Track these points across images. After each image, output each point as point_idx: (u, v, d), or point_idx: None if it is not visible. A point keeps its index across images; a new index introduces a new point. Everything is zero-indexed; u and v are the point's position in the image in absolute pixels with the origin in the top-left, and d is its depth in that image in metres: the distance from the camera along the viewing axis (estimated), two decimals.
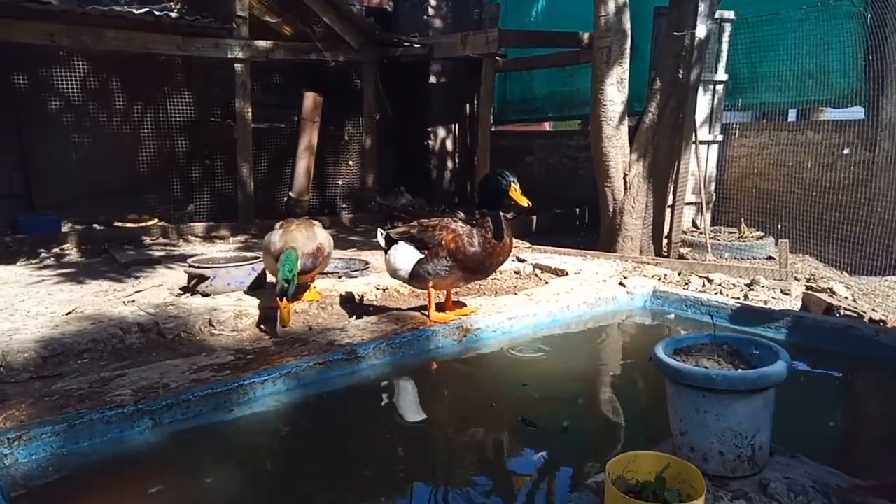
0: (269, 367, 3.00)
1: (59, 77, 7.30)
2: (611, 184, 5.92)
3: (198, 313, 3.97)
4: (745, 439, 1.95)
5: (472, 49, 7.51)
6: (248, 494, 2.35)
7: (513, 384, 3.22)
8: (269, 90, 8.56)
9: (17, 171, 7.23)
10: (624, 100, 5.81)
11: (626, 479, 1.76)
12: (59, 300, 4.47)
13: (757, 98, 6.78)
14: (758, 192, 6.66)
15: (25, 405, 2.65)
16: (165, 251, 6.41)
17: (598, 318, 4.17)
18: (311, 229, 4.13)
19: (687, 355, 2.07)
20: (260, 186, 8.02)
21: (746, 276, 4.95)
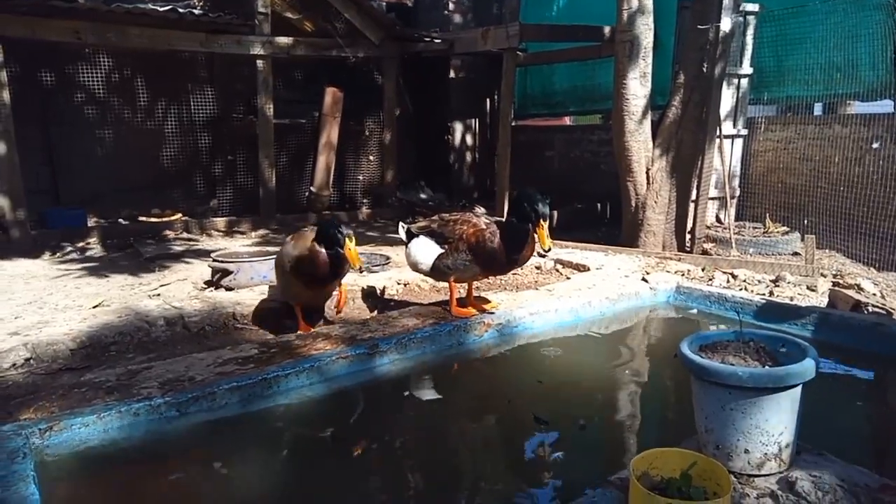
0: (293, 361, 3.03)
1: (85, 74, 7.41)
2: (633, 178, 5.87)
3: (222, 307, 4.01)
4: (771, 437, 1.93)
5: (492, 44, 7.47)
6: (269, 485, 2.37)
7: (532, 380, 3.21)
8: (291, 86, 8.61)
9: (44, 167, 7.34)
10: (647, 94, 5.76)
11: (650, 475, 1.75)
12: (86, 294, 4.55)
13: (783, 92, 6.68)
14: (783, 187, 6.57)
15: (55, 396, 2.70)
16: (188, 246, 6.49)
17: (620, 315, 4.14)
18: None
19: (713, 352, 2.05)
20: (281, 182, 8.07)
21: (772, 272, 4.89)
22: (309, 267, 3.47)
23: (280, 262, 3.72)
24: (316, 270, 3.47)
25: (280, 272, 3.74)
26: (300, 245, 3.59)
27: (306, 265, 3.48)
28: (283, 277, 3.72)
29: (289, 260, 3.60)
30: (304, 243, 3.56)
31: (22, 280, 5.04)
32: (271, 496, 2.30)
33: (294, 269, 3.55)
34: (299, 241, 3.64)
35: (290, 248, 3.65)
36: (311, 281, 3.57)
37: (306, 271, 3.50)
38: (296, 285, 3.63)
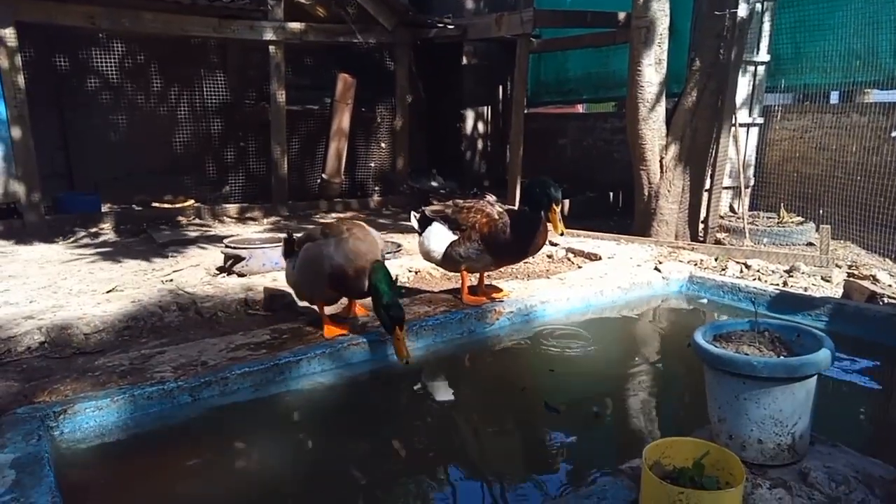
0: (304, 347, 3.04)
1: (99, 59, 7.43)
2: (646, 167, 5.82)
3: (234, 293, 4.03)
4: (785, 427, 1.91)
5: (506, 30, 7.42)
6: (282, 469, 2.39)
7: (544, 368, 3.21)
8: (303, 72, 8.59)
9: (58, 152, 7.39)
10: (662, 81, 5.69)
11: (662, 464, 1.74)
12: (100, 278, 4.58)
13: (800, 79, 6.59)
14: (799, 176, 6.49)
15: (70, 380, 2.72)
16: (201, 232, 6.51)
17: (632, 304, 4.12)
18: (366, 233, 3.30)
19: (727, 342, 2.04)
20: (292, 168, 8.08)
21: (786, 262, 4.84)
22: (353, 281, 3.06)
23: (313, 262, 3.17)
24: (360, 286, 3.07)
25: (309, 272, 3.22)
26: (344, 251, 3.10)
27: (351, 279, 3.05)
28: (312, 278, 3.22)
29: (331, 264, 3.09)
30: (350, 250, 3.09)
31: (36, 264, 5.09)
32: (282, 481, 2.32)
33: (334, 279, 3.10)
34: (342, 245, 3.12)
35: (331, 249, 3.12)
36: (348, 292, 3.24)
37: (348, 284, 3.09)
38: (327, 290, 3.23)
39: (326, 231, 3.24)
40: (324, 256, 3.11)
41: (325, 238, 3.19)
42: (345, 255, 3.08)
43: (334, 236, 3.16)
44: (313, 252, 3.19)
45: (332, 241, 3.14)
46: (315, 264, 3.15)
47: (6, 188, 6.14)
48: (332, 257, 3.09)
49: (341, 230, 3.20)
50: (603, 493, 1.86)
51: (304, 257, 3.24)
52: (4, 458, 2.09)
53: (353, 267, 3.06)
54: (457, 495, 2.22)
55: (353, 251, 3.10)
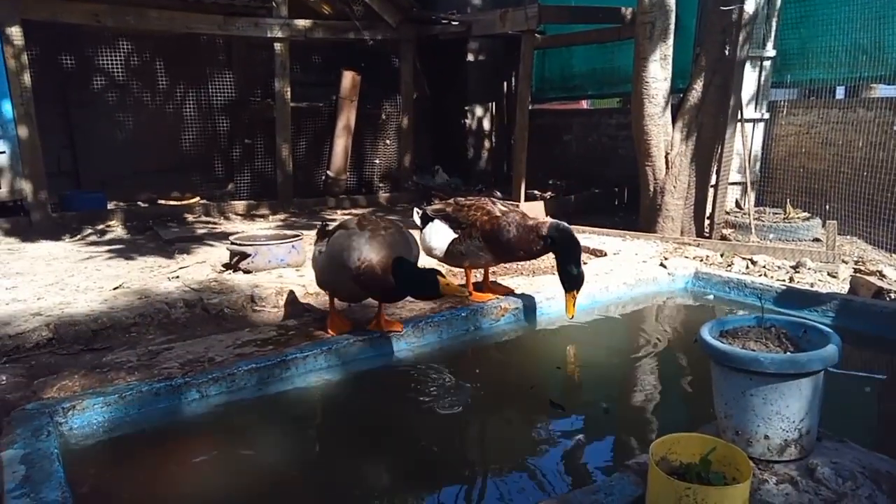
0: (311, 344, 3.05)
1: (105, 57, 7.46)
2: (652, 163, 5.81)
3: (240, 289, 4.04)
4: (792, 423, 1.91)
5: (511, 26, 7.40)
6: (289, 465, 2.40)
7: (549, 365, 3.21)
8: (308, 70, 8.60)
9: (65, 150, 7.42)
10: (667, 77, 5.68)
11: (669, 460, 1.75)
12: (107, 275, 4.60)
13: (806, 74, 6.55)
14: (805, 172, 6.46)
15: (78, 376, 2.74)
16: (207, 229, 6.53)
17: (637, 300, 4.12)
18: (403, 234, 3.15)
19: (733, 338, 2.04)
20: (299, 166, 8.10)
21: (792, 258, 4.83)
22: (382, 284, 2.91)
23: (341, 254, 2.96)
24: (387, 288, 2.93)
25: (337, 264, 3.01)
26: (377, 249, 2.92)
27: (379, 280, 2.89)
28: (338, 269, 3.01)
29: (359, 258, 2.89)
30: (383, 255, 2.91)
31: (44, 262, 5.11)
32: (289, 476, 2.33)
33: (362, 274, 2.90)
34: (376, 239, 2.95)
35: (363, 241, 2.94)
36: (373, 293, 3.07)
37: (376, 285, 2.93)
38: (351, 285, 3.00)
39: (364, 223, 3.06)
40: (353, 248, 2.93)
41: (360, 229, 3.01)
42: (376, 249, 2.90)
43: (369, 230, 3.00)
44: (343, 241, 2.99)
45: (367, 233, 2.97)
46: (342, 254, 2.95)
47: (13, 186, 6.17)
48: (361, 250, 2.91)
49: (378, 226, 3.06)
50: (609, 489, 1.86)
51: (333, 245, 3.04)
52: (14, 453, 2.11)
53: (382, 264, 2.88)
54: (463, 491, 2.22)
55: (387, 247, 2.93)
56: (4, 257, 5.28)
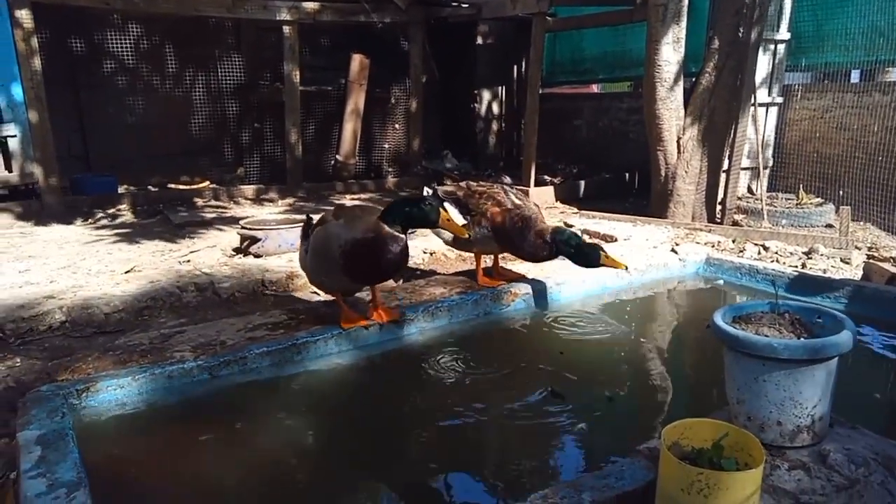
0: (321, 328, 3.05)
1: (115, 41, 7.46)
2: (663, 148, 5.77)
3: (251, 274, 4.06)
4: (804, 409, 1.90)
5: (521, 8, 7.34)
6: (299, 446, 2.42)
7: (558, 351, 3.21)
8: (317, 53, 8.57)
9: (75, 133, 7.44)
10: (680, 60, 5.62)
11: (681, 445, 1.74)
12: (118, 259, 4.62)
13: (821, 58, 6.47)
14: (819, 156, 6.40)
15: (91, 358, 2.76)
16: (217, 213, 6.55)
17: (648, 286, 4.11)
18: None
19: (746, 323, 2.02)
20: (308, 150, 8.09)
21: (804, 244, 4.79)
22: (371, 258, 2.76)
23: (322, 246, 2.88)
24: (380, 262, 2.76)
25: (320, 257, 2.93)
26: (357, 225, 2.80)
27: (368, 255, 2.75)
28: (323, 263, 2.93)
29: (340, 245, 2.77)
30: (365, 224, 2.79)
31: (56, 245, 5.14)
32: (299, 458, 2.35)
33: (349, 257, 2.77)
34: (353, 221, 2.83)
35: (339, 227, 2.84)
36: (368, 276, 2.92)
37: (367, 263, 2.78)
38: (340, 277, 2.89)
39: (338, 213, 2.98)
40: (332, 236, 2.84)
41: (335, 220, 2.93)
42: (352, 226, 2.80)
43: (346, 217, 2.91)
44: (322, 234, 2.92)
45: (343, 220, 2.89)
46: (325, 246, 2.87)
47: (24, 170, 6.20)
48: (341, 235, 2.81)
49: (354, 212, 2.97)
50: (620, 474, 1.86)
51: (314, 242, 2.98)
52: (30, 434, 2.13)
53: (362, 231, 2.76)
54: (469, 476, 2.23)
55: (360, 216, 2.84)
56: (17, 241, 5.32)
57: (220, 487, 2.15)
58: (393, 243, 2.75)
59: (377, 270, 2.86)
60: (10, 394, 2.68)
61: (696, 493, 1.58)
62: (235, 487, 2.14)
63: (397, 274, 3.08)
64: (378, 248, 2.75)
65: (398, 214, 2.79)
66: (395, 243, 2.76)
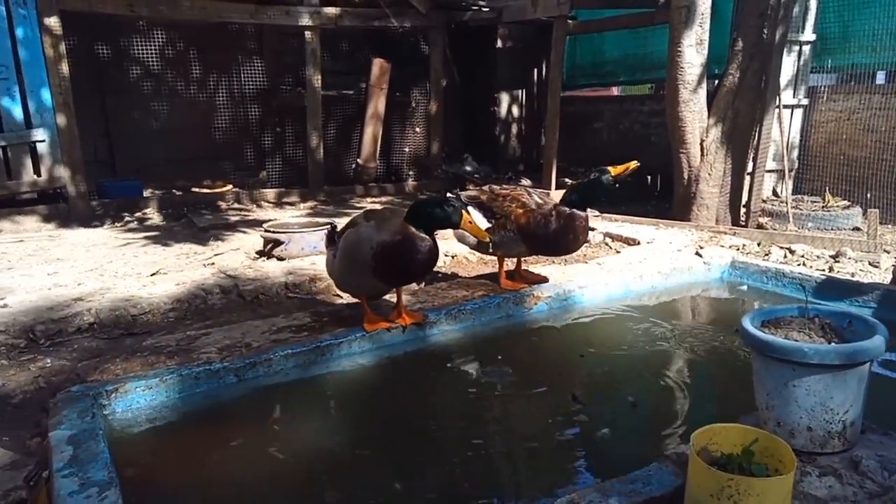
0: (345, 330, 3.07)
1: (140, 47, 7.57)
2: (686, 150, 5.72)
3: (274, 276, 4.09)
4: (836, 415, 1.88)
5: (542, 11, 7.33)
6: (325, 448, 2.43)
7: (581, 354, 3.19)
8: (338, 57, 8.62)
9: (101, 138, 7.56)
10: (703, 62, 5.57)
11: (709, 450, 1.73)
12: (144, 262, 4.69)
13: (847, 59, 6.38)
14: (845, 159, 6.31)
15: (119, 360, 2.80)
16: (240, 216, 6.61)
17: (672, 290, 4.07)
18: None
19: (776, 328, 2.00)
20: (328, 153, 8.14)
21: (831, 247, 4.73)
22: (401, 260, 2.80)
23: (353, 249, 2.89)
24: (410, 263, 2.80)
25: (350, 259, 2.93)
26: (387, 227, 2.83)
27: (398, 257, 2.79)
28: (353, 265, 2.94)
29: (371, 247, 2.79)
30: (393, 225, 2.82)
31: (83, 248, 5.23)
32: (326, 459, 2.36)
33: (380, 259, 2.79)
34: (383, 223, 2.86)
35: (370, 229, 2.86)
36: (398, 278, 2.96)
37: (396, 265, 2.82)
38: (370, 279, 2.92)
39: (369, 215, 3.01)
40: (364, 239, 2.85)
41: (366, 221, 2.95)
42: (390, 231, 2.81)
43: (376, 219, 2.93)
44: (353, 237, 2.93)
45: (373, 222, 2.91)
46: (356, 249, 2.88)
47: (52, 174, 6.30)
48: (372, 237, 2.82)
49: (384, 214, 3.00)
50: (648, 479, 1.85)
51: (344, 245, 2.98)
52: (62, 434, 2.16)
53: (393, 232, 2.79)
54: (492, 480, 2.23)
55: (392, 217, 2.86)
56: (45, 244, 5.42)
57: (246, 488, 2.17)
58: (421, 244, 2.78)
59: (407, 271, 2.90)
60: (41, 394, 2.73)
61: (726, 498, 1.56)
62: (262, 487, 2.16)
63: (427, 274, 3.12)
64: (407, 249, 2.78)
65: (422, 215, 2.83)
66: (424, 243, 2.79)
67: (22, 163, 6.17)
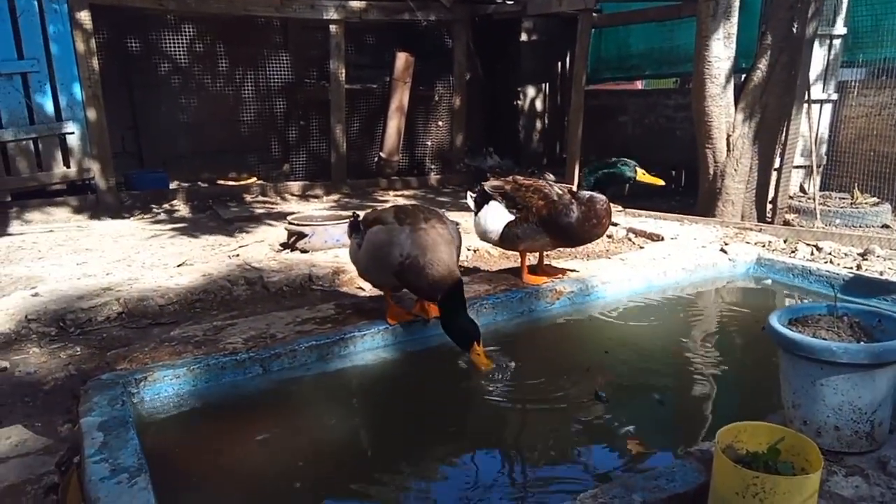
0: (368, 322, 3.10)
1: (168, 41, 7.65)
2: (712, 145, 5.65)
3: (298, 269, 4.13)
4: (864, 415, 1.86)
5: (567, 5, 7.28)
6: (347, 438, 2.46)
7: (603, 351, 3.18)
8: (362, 51, 8.65)
9: (129, 131, 7.67)
10: (730, 56, 5.50)
11: (735, 448, 1.72)
12: (171, 253, 4.76)
13: (879, 54, 6.24)
14: (875, 155, 6.19)
15: (148, 349, 2.85)
16: (265, 209, 6.68)
17: (696, 286, 4.04)
18: (445, 226, 2.98)
19: (803, 326, 1.98)
20: (352, 147, 8.18)
21: (860, 244, 4.65)
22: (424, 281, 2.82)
23: (382, 251, 2.87)
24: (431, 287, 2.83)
25: (377, 260, 2.94)
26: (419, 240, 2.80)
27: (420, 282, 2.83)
28: (378, 264, 2.96)
29: (401, 254, 2.79)
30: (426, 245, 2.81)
31: (111, 238, 5.32)
32: (348, 450, 2.38)
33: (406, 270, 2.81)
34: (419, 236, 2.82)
35: (403, 235, 2.84)
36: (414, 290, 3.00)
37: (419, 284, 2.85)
38: (394, 280, 2.95)
39: (401, 216, 2.94)
40: (394, 244, 2.82)
41: (398, 224, 2.90)
42: (421, 247, 2.79)
43: (410, 224, 2.87)
44: (383, 237, 2.89)
45: (407, 229, 2.86)
46: (383, 251, 2.87)
47: (81, 165, 6.41)
48: (403, 245, 2.80)
49: (419, 218, 2.91)
50: (671, 475, 1.84)
51: (372, 241, 2.96)
52: (92, 420, 2.21)
53: (426, 262, 2.78)
54: (513, 476, 2.24)
55: (431, 246, 2.81)
56: (74, 234, 5.52)
57: (270, 475, 2.20)
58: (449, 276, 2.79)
59: (424, 291, 2.92)
60: (71, 381, 2.79)
61: (751, 496, 1.55)
62: (285, 475, 2.19)
63: None
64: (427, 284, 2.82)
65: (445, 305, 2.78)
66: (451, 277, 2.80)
67: (52, 155, 6.29)
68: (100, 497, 1.80)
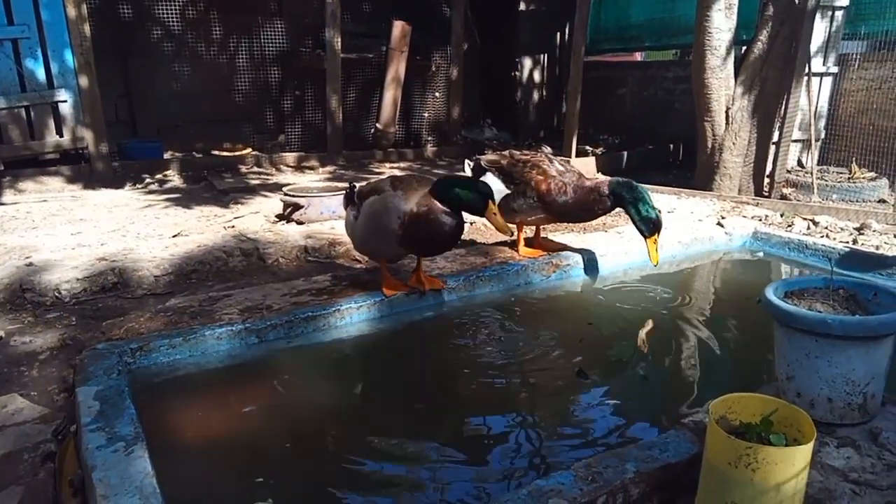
0: (364, 294, 3.09)
1: (161, 7, 7.52)
2: (711, 118, 5.62)
3: (294, 240, 4.11)
4: (857, 387, 1.87)
5: None
6: (341, 407, 2.47)
7: (599, 322, 3.19)
8: (359, 19, 8.52)
9: (122, 99, 7.58)
10: (731, 27, 5.44)
11: (728, 419, 1.73)
12: (166, 223, 4.73)
13: (881, 26, 6.18)
14: (874, 129, 6.16)
15: (143, 319, 2.85)
16: (260, 180, 6.63)
17: (692, 259, 4.05)
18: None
19: (799, 298, 1.98)
20: (348, 117, 8.10)
21: (856, 219, 4.65)
22: (428, 233, 2.79)
23: (380, 217, 2.88)
24: (437, 237, 2.81)
25: (375, 226, 2.94)
26: (414, 198, 2.81)
27: (424, 230, 2.79)
28: (376, 232, 2.95)
29: (399, 217, 2.80)
30: (420, 197, 2.81)
31: (105, 209, 5.28)
32: (342, 418, 2.40)
33: (407, 230, 2.80)
34: (410, 193, 2.84)
35: (398, 199, 2.84)
36: (423, 249, 2.99)
37: (422, 237, 2.83)
38: (394, 247, 2.95)
39: (396, 183, 2.94)
40: (392, 208, 2.83)
41: (393, 190, 2.90)
42: (412, 198, 2.81)
43: (403, 189, 2.88)
44: (380, 206, 2.90)
45: (400, 192, 2.87)
46: (382, 219, 2.87)
47: (74, 134, 6.34)
48: (400, 207, 2.81)
49: (411, 183, 2.92)
50: (665, 445, 1.86)
51: (369, 212, 2.96)
52: (89, 389, 2.21)
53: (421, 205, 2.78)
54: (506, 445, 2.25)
55: (420, 188, 2.84)
56: (68, 204, 5.48)
57: (265, 442, 2.21)
58: (449, 219, 2.78)
59: (433, 244, 2.90)
60: (67, 351, 2.78)
61: (743, 467, 1.56)
62: (280, 442, 2.20)
63: (451, 248, 3.12)
64: (436, 222, 2.77)
65: (450, 197, 2.79)
66: (451, 219, 2.79)
67: (45, 123, 6.22)
68: (96, 465, 1.81)
